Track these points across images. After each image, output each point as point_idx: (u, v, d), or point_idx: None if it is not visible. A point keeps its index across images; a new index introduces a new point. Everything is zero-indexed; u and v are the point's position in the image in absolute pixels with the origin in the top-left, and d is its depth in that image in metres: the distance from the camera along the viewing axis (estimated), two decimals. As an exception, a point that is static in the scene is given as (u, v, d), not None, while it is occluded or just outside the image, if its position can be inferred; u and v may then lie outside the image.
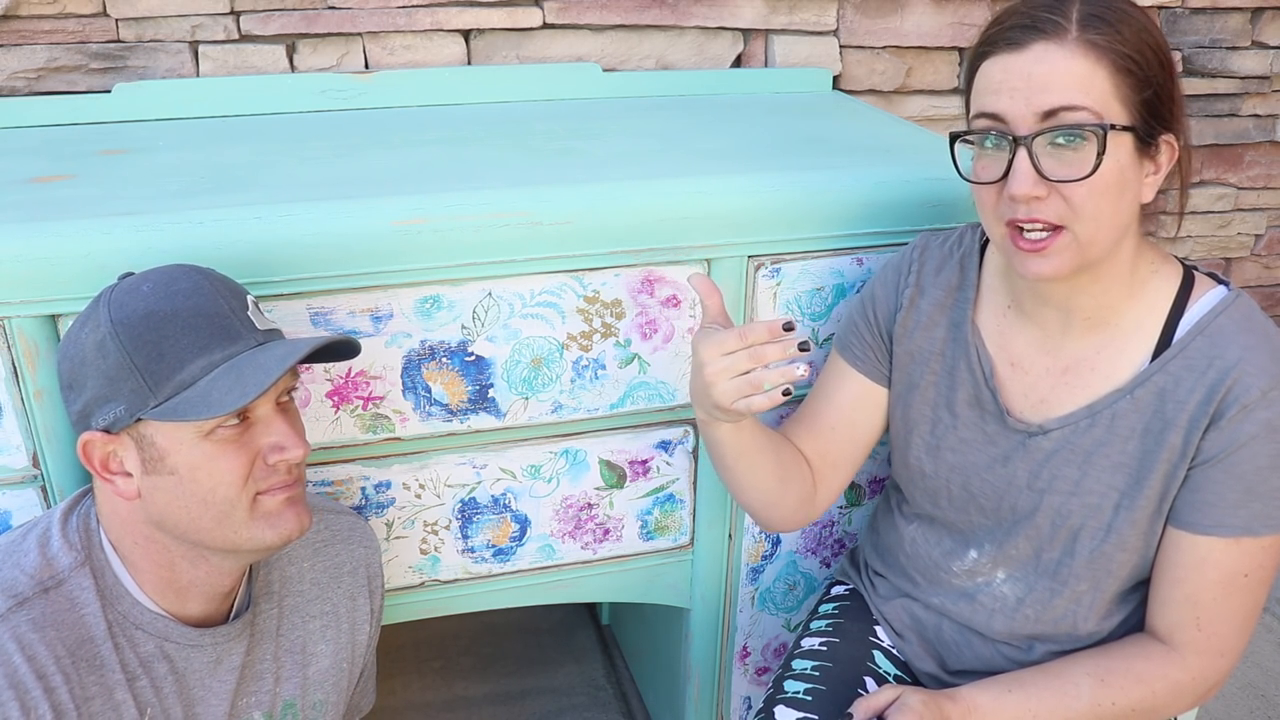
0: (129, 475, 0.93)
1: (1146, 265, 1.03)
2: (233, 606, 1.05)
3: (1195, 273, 1.04)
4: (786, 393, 0.96)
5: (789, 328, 0.94)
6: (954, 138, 1.01)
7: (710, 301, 1.06)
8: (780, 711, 1.15)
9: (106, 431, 0.91)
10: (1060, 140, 0.92)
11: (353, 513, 1.19)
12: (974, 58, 0.99)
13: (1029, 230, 0.95)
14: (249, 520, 0.95)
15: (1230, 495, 0.98)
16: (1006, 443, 1.08)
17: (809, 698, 1.15)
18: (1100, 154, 0.91)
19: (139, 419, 0.90)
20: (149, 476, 0.92)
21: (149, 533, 0.95)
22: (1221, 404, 0.96)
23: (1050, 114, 0.91)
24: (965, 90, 1.02)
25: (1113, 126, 0.91)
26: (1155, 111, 0.94)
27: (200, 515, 0.93)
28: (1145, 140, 0.94)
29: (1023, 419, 1.08)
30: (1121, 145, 0.92)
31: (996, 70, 0.94)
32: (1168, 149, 0.96)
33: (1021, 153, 0.93)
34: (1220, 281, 1.03)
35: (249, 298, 0.97)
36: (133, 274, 0.96)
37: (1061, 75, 0.91)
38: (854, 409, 1.20)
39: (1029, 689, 1.05)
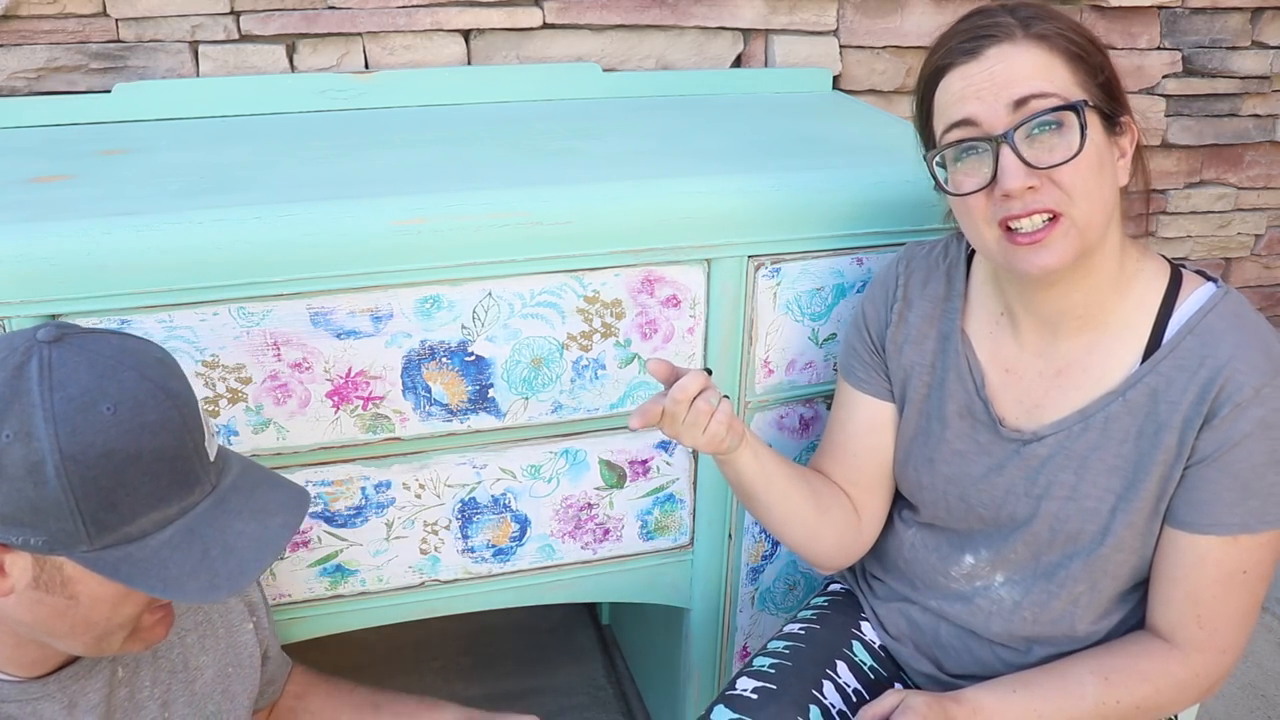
0: (5, 576, 0.80)
1: (1132, 262, 1.03)
2: None
3: (1183, 270, 1.04)
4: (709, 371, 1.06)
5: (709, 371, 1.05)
6: (929, 159, 1.00)
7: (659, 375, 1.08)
8: (741, 681, 1.17)
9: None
10: (1038, 130, 0.93)
11: None
12: (927, 80, 0.99)
13: (1024, 225, 0.95)
14: (126, 639, 0.88)
15: (1227, 494, 0.98)
16: (1000, 452, 1.08)
17: (772, 670, 1.17)
18: (1083, 129, 0.92)
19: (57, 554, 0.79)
20: (37, 591, 0.81)
21: None
22: (1215, 403, 0.96)
23: (1021, 104, 0.93)
24: (921, 116, 1.02)
25: (1085, 103, 0.93)
26: (1112, 94, 0.97)
27: (82, 635, 0.85)
28: (1110, 121, 0.96)
29: (1016, 427, 1.08)
30: (1094, 124, 0.94)
31: (957, 81, 0.96)
32: (1129, 131, 0.98)
33: (1005, 149, 0.93)
34: (1209, 279, 1.03)
35: (200, 410, 0.85)
36: (67, 333, 0.79)
37: (1022, 68, 0.93)
38: (869, 432, 1.20)
39: (1034, 689, 1.05)
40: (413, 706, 1.20)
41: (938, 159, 0.99)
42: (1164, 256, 1.06)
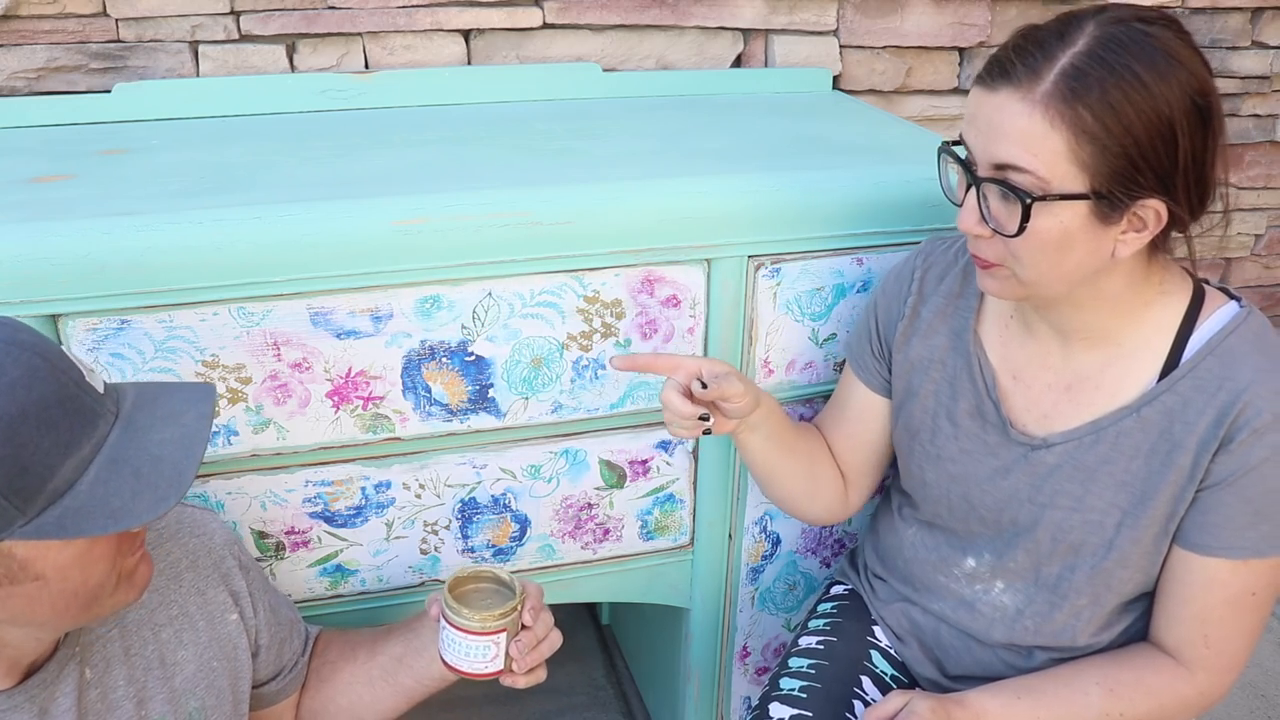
0: None
1: (1153, 288, 1.00)
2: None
3: (1206, 288, 1.02)
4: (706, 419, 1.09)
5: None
6: (941, 149, 1.00)
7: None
8: (775, 708, 1.15)
9: None
10: (1004, 192, 0.91)
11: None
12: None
13: None
14: (114, 591, 0.86)
15: (1239, 518, 0.97)
16: (1008, 455, 1.08)
17: (803, 695, 1.16)
18: (1024, 221, 0.90)
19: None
20: (4, 589, 0.78)
21: None
22: (1232, 427, 0.95)
23: (999, 167, 0.91)
24: None
25: (1043, 197, 0.88)
26: (1132, 180, 0.88)
27: (67, 608, 0.83)
28: (1112, 206, 0.90)
29: (1025, 431, 1.07)
30: (1068, 210, 0.89)
31: (973, 101, 0.94)
32: (1153, 215, 0.91)
33: (973, 191, 0.94)
34: (1232, 297, 1.01)
35: (63, 352, 0.82)
36: None
37: (1014, 131, 0.88)
38: (861, 420, 1.22)
39: (1038, 696, 1.05)
40: (418, 618, 1.20)
41: (946, 152, 0.99)
42: (1188, 271, 1.03)
